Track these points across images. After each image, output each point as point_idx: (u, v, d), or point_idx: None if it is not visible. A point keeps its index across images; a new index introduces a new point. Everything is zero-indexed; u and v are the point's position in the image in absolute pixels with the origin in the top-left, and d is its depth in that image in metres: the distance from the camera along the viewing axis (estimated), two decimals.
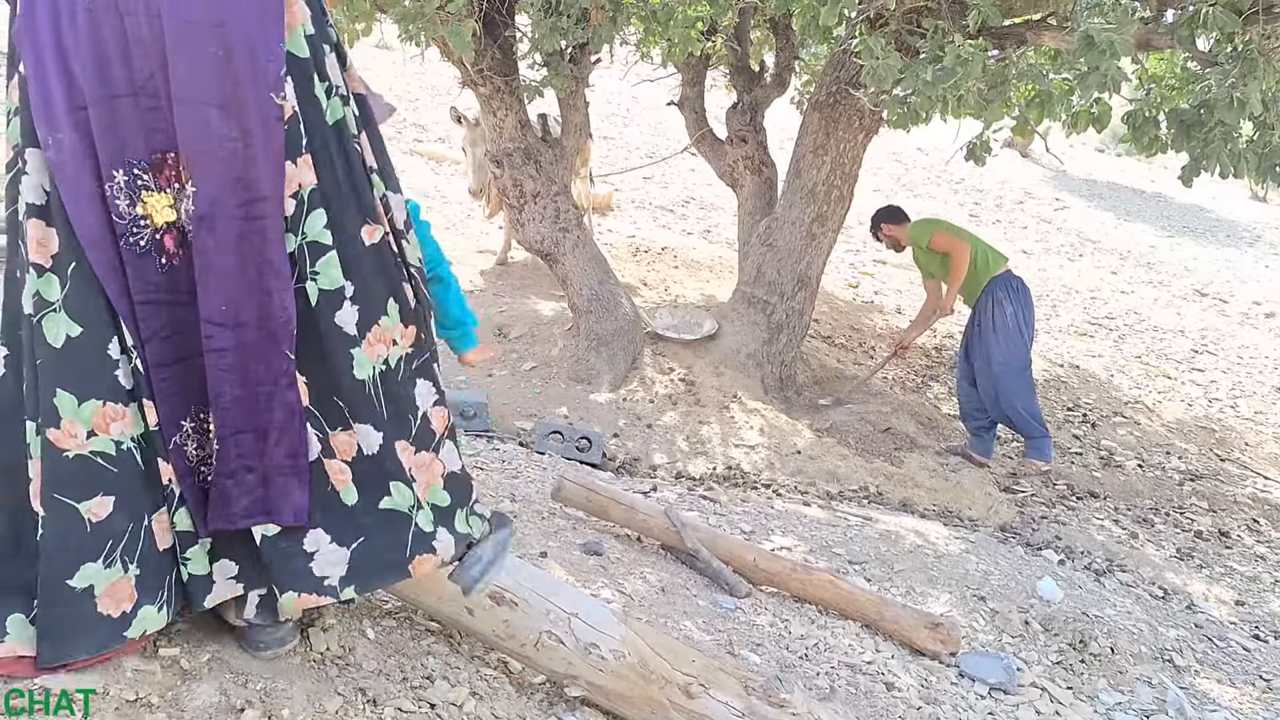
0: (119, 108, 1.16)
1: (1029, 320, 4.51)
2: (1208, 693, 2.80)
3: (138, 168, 1.19)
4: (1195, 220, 11.13)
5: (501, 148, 4.67)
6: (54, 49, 1.13)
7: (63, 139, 1.15)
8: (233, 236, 1.21)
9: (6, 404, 1.23)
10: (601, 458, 3.95)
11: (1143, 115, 3.96)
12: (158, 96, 1.17)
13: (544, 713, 1.69)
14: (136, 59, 1.15)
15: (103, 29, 1.12)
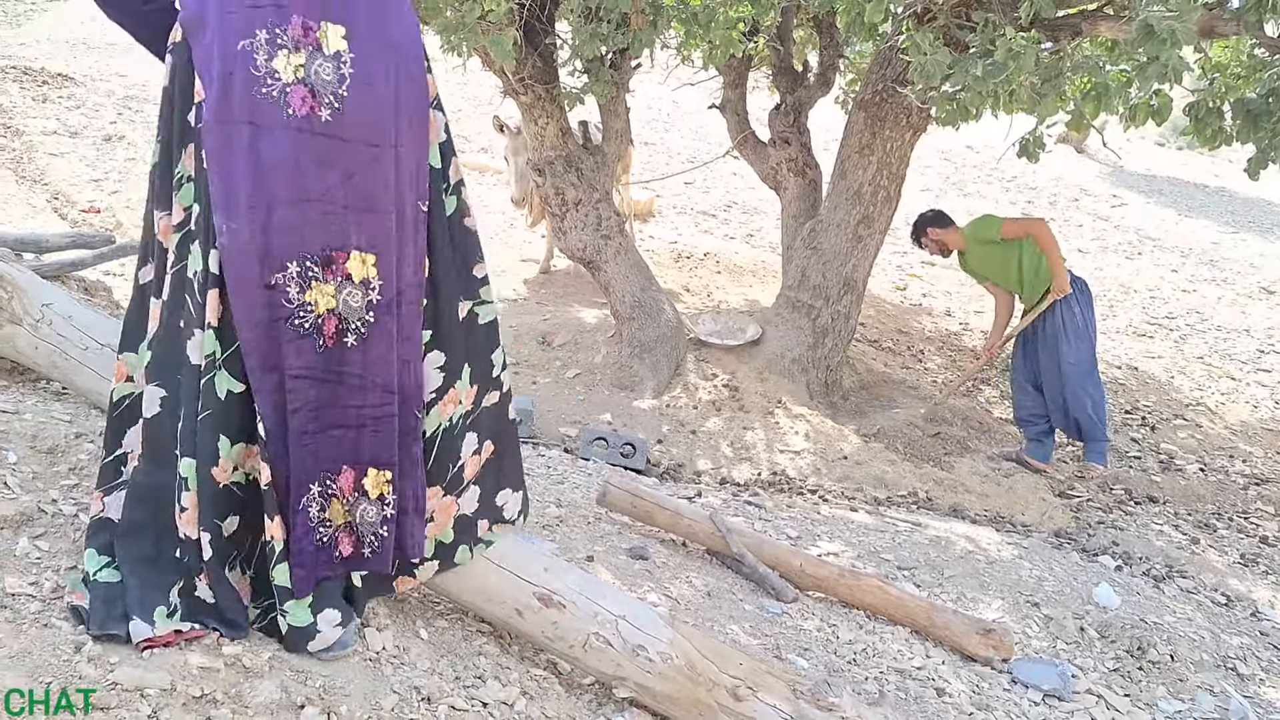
0: (305, 210, 1.36)
1: (1093, 320, 4.42)
2: (1274, 702, 2.71)
3: (311, 261, 1.38)
4: (1261, 215, 10.72)
5: (543, 156, 4.73)
6: (248, 153, 1.32)
7: (238, 230, 1.33)
8: (407, 318, 1.47)
9: (164, 442, 1.42)
10: (646, 464, 3.97)
11: (1206, 106, 3.84)
12: (336, 203, 1.38)
13: (593, 713, 1.71)
14: (325, 172, 1.36)
15: (301, 150, 1.34)
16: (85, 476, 1.62)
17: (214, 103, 1.32)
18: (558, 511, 2.96)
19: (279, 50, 1.32)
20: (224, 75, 1.30)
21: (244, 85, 1.31)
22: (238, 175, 1.33)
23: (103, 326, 1.95)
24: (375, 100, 1.39)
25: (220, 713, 1.22)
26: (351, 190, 1.39)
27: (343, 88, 1.35)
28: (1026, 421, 4.58)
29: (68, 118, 7.32)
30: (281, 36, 1.31)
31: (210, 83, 1.32)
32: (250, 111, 1.32)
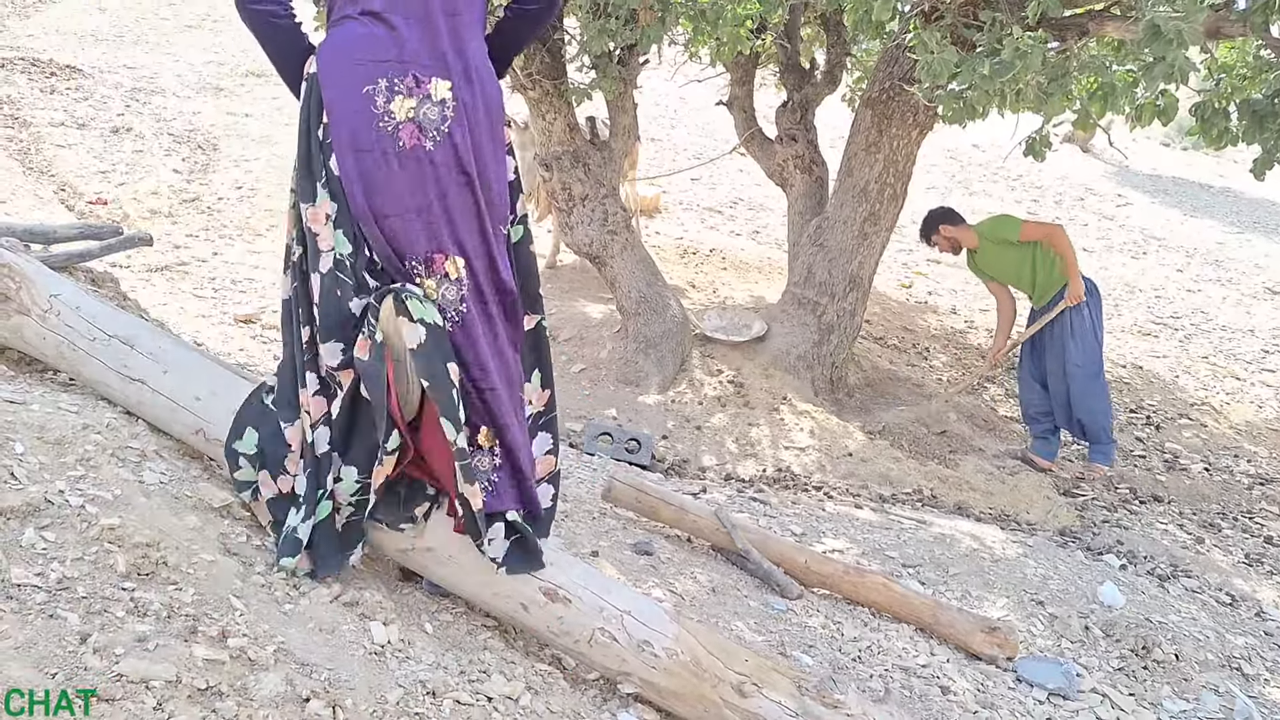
0: (411, 221, 1.71)
1: (1101, 321, 4.43)
2: (1279, 702, 2.70)
3: (416, 260, 1.72)
4: (1266, 216, 10.68)
5: (550, 151, 4.73)
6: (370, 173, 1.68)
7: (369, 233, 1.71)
8: (497, 313, 1.82)
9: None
10: (650, 459, 3.97)
11: (1212, 106, 3.83)
12: (436, 217, 1.72)
13: (598, 709, 1.71)
14: (426, 192, 1.71)
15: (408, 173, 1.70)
16: (92, 468, 1.62)
17: (344, 133, 1.66)
18: (563, 507, 2.95)
19: (395, 95, 1.67)
20: (352, 112, 1.66)
21: (366, 121, 1.66)
22: (361, 191, 1.68)
23: (110, 317, 1.95)
24: (467, 141, 1.72)
25: (225, 705, 1.22)
26: (446, 208, 1.73)
27: (444, 126, 1.70)
28: (1033, 419, 4.58)
29: (75, 109, 7.33)
30: (398, 85, 1.67)
31: (341, 117, 1.66)
32: (369, 141, 1.67)
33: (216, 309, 5.35)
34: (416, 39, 1.67)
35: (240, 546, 1.67)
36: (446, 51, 1.70)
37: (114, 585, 1.37)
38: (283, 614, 1.56)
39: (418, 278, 1.72)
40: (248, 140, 7.66)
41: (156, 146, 7.15)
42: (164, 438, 1.88)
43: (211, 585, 1.47)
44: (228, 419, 1.81)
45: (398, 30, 1.66)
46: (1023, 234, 4.37)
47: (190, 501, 1.70)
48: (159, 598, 1.37)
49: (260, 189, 7.04)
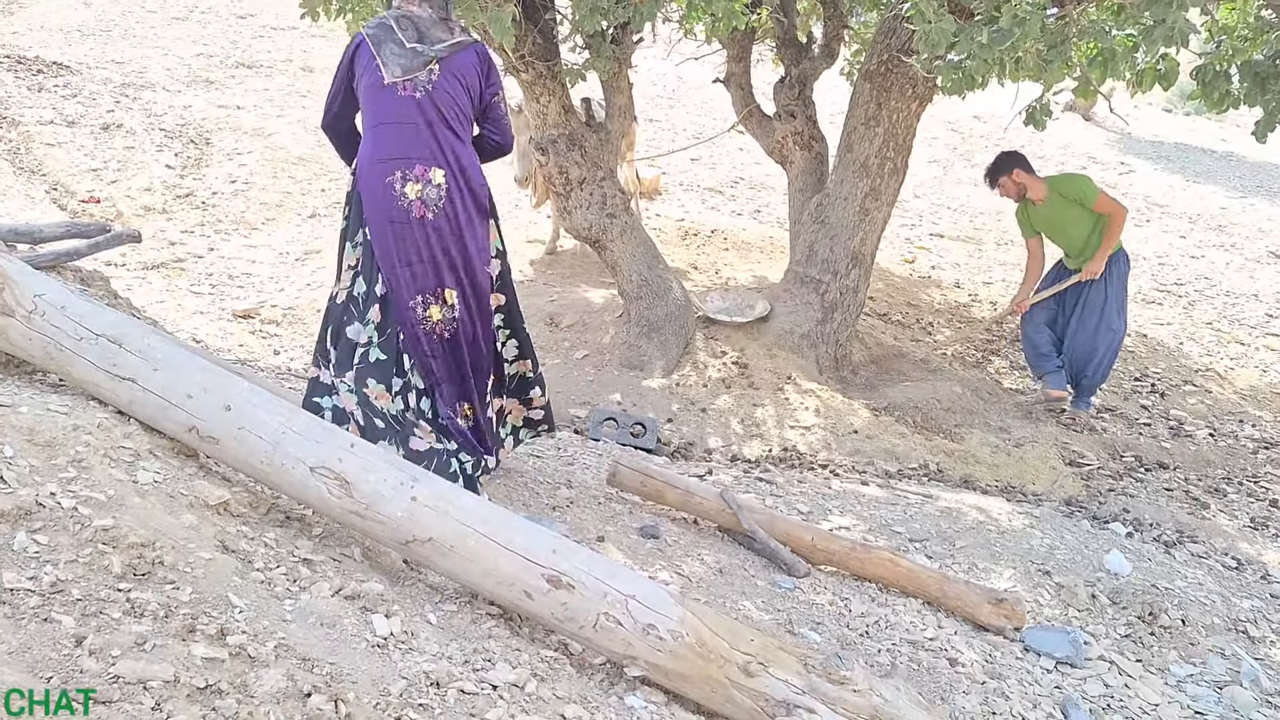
0: (423, 268, 2.53)
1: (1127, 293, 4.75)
2: None
3: (428, 294, 2.55)
4: (1270, 179, 10.57)
5: (546, 134, 4.67)
6: (393, 237, 2.50)
7: (393, 278, 2.52)
8: (482, 327, 2.69)
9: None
10: (656, 443, 3.95)
11: (1213, 69, 3.76)
12: (440, 264, 2.55)
13: (604, 693, 1.70)
14: (432, 247, 2.53)
15: (421, 236, 2.52)
16: (84, 469, 1.60)
17: (373, 209, 2.49)
18: (568, 493, 2.94)
19: (407, 182, 2.49)
20: (377, 191, 2.49)
21: (388, 199, 2.48)
22: (388, 246, 2.50)
23: (98, 317, 1.93)
24: (456, 211, 2.55)
25: (225, 703, 1.21)
26: (446, 258, 2.55)
27: (440, 203, 2.52)
28: (1043, 356, 4.77)
29: (64, 107, 7.27)
30: (408, 174, 2.49)
31: (371, 201, 2.49)
32: (391, 214, 2.49)
33: (214, 305, 5.33)
34: (419, 141, 2.48)
35: (238, 543, 1.66)
36: (440, 150, 2.50)
37: (109, 586, 1.35)
38: (283, 609, 1.55)
39: (430, 305, 2.54)
40: (240, 133, 7.60)
41: (148, 142, 7.10)
42: (157, 437, 1.86)
43: (209, 583, 1.46)
44: (220, 415, 1.79)
45: (405, 135, 2.48)
46: (1098, 203, 4.53)
47: (186, 500, 1.69)
48: (156, 597, 1.35)
49: (255, 182, 7.00)
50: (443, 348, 2.59)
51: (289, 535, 1.84)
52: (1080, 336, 4.64)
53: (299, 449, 1.83)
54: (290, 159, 7.36)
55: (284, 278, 5.84)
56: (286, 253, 6.17)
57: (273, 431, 1.84)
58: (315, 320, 5.32)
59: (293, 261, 6.06)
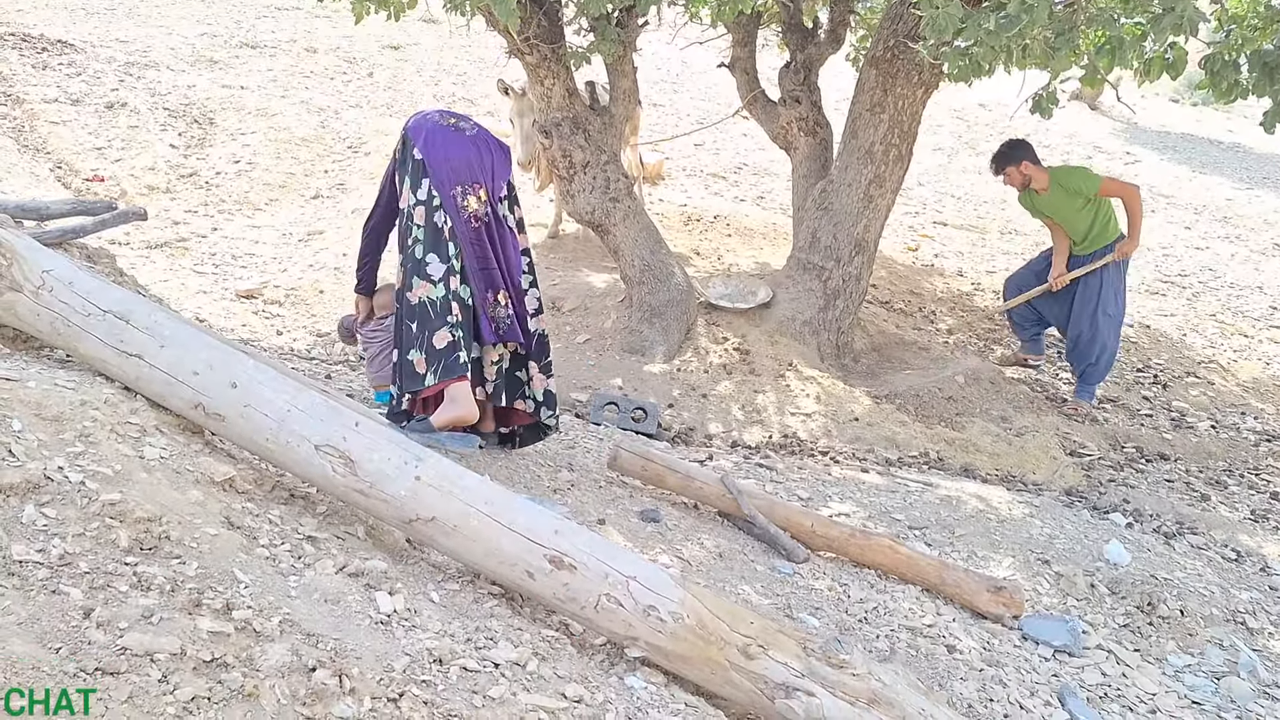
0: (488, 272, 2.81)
1: (1126, 278, 4.87)
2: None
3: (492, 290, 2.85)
4: (1276, 171, 10.52)
5: (550, 117, 4.66)
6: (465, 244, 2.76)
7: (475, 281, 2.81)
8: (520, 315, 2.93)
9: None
10: (657, 428, 3.96)
11: (1221, 59, 3.73)
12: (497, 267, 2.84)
13: (605, 673, 1.72)
14: (489, 252, 2.81)
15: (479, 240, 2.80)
16: (92, 444, 1.61)
17: (454, 220, 2.73)
18: (569, 476, 2.96)
19: (467, 195, 2.75)
20: (449, 204, 2.72)
21: (457, 211, 2.73)
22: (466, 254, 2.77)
23: (105, 293, 1.93)
24: (497, 221, 2.82)
25: (231, 676, 1.22)
26: (498, 260, 2.82)
27: (485, 211, 2.79)
28: (1022, 327, 5.02)
29: (69, 85, 7.25)
30: (469, 189, 2.75)
31: (451, 210, 2.73)
32: (459, 222, 2.75)
33: (217, 285, 5.33)
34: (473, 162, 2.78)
35: (243, 520, 1.67)
36: (483, 171, 2.78)
37: (116, 560, 1.36)
38: (288, 586, 1.56)
39: (495, 301, 2.82)
40: (244, 113, 7.58)
41: (152, 121, 7.08)
42: (164, 413, 1.87)
43: (215, 559, 1.47)
44: (226, 392, 1.80)
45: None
46: (1101, 189, 4.61)
47: (192, 476, 1.70)
48: (162, 572, 1.37)
49: (258, 162, 6.98)
50: (504, 331, 2.86)
51: (293, 513, 1.85)
52: (1082, 322, 4.73)
53: (304, 427, 1.84)
54: (294, 140, 7.34)
55: (287, 258, 5.84)
56: (289, 233, 6.17)
57: (278, 409, 1.85)
58: (318, 301, 5.35)
59: (295, 242, 6.06)
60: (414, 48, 9.87)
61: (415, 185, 2.73)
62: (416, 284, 2.68)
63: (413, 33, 10.03)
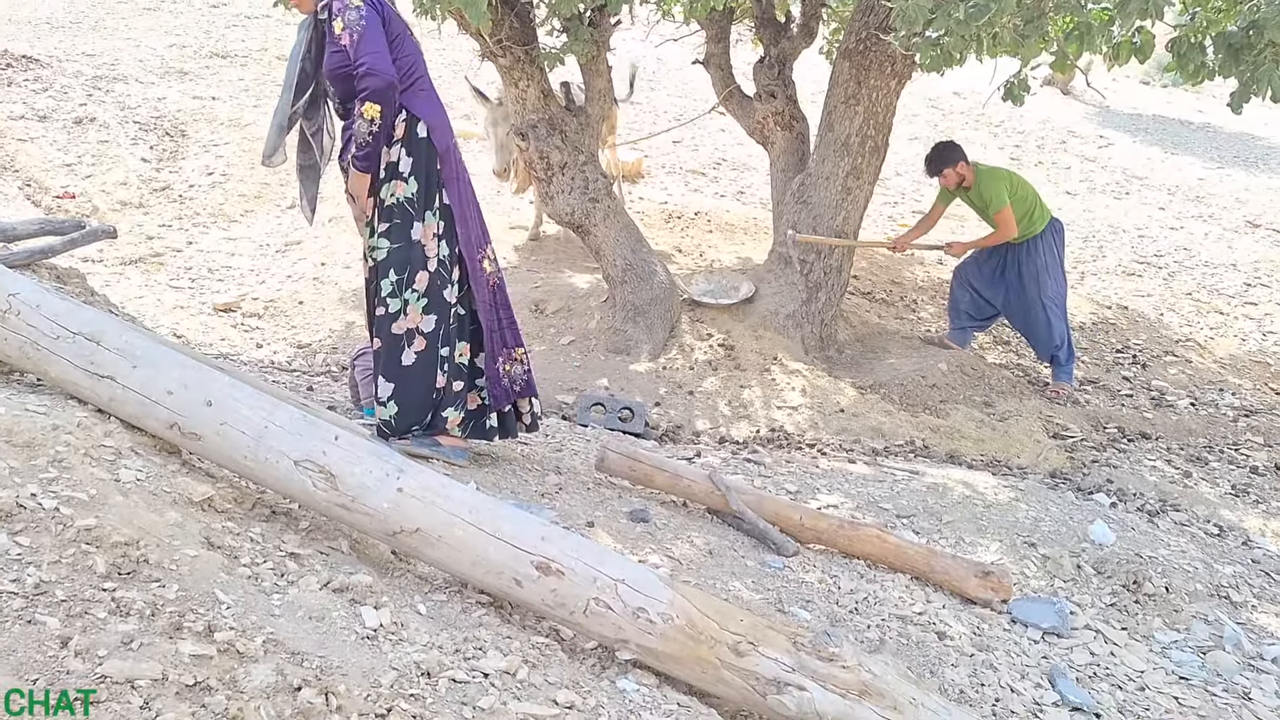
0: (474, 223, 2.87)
1: (1063, 258, 5.01)
2: (1265, 627, 2.75)
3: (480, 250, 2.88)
4: (1246, 149, 10.65)
5: (525, 119, 4.64)
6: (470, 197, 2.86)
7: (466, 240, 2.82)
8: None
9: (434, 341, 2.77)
10: (644, 427, 3.96)
11: (1188, 41, 3.77)
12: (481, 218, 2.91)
13: (596, 677, 1.71)
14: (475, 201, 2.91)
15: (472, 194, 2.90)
16: (65, 469, 1.59)
17: (454, 166, 2.71)
18: (557, 479, 2.95)
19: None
20: (454, 149, 2.70)
21: (459, 156, 2.72)
22: (466, 203, 2.75)
23: (75, 314, 1.90)
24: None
25: (215, 700, 1.20)
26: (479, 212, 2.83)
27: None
28: (957, 315, 5.11)
29: (35, 101, 7.15)
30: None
31: (451, 157, 2.69)
32: (463, 172, 2.75)
33: (194, 299, 5.28)
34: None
35: (224, 539, 1.65)
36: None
37: (94, 586, 1.34)
38: (271, 604, 1.55)
39: (484, 261, 2.79)
40: (216, 124, 7.50)
41: (122, 135, 6.99)
42: (139, 434, 1.85)
43: (195, 580, 1.45)
44: (202, 411, 1.78)
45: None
46: (999, 215, 4.77)
47: (169, 497, 1.68)
48: (141, 596, 1.35)
49: (232, 174, 6.91)
50: (493, 298, 2.84)
51: (275, 530, 1.84)
52: (1026, 311, 4.88)
53: (282, 443, 1.82)
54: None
55: (264, 270, 5.79)
56: (267, 244, 6.11)
57: (255, 426, 1.83)
58: (297, 312, 5.30)
59: (273, 253, 6.01)
60: None
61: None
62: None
63: None
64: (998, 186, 4.72)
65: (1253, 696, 2.37)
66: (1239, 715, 2.28)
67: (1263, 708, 2.32)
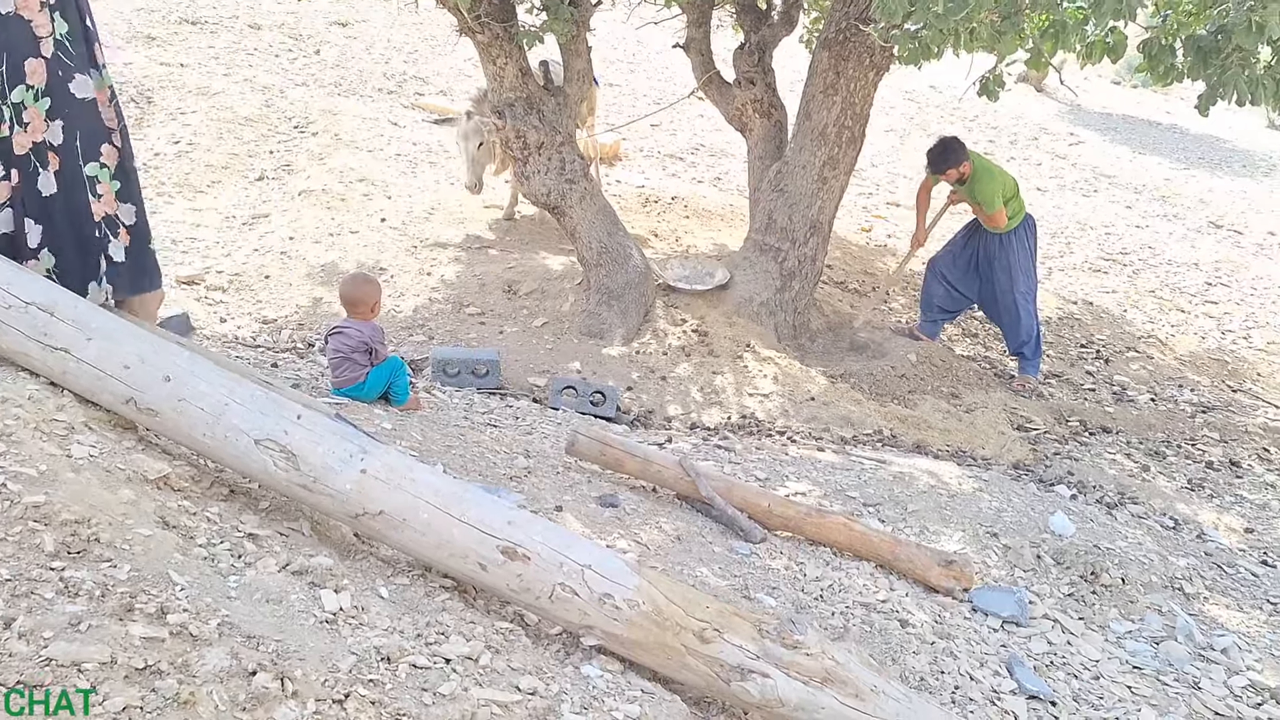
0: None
1: (1036, 253, 5.09)
2: (1216, 618, 2.82)
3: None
4: (1211, 151, 10.85)
5: (503, 98, 4.57)
6: None
7: None
8: None
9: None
10: (616, 411, 3.94)
11: (1159, 43, 3.82)
12: None
13: (560, 663, 1.70)
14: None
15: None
16: (15, 443, 1.53)
17: None
18: (526, 462, 2.92)
19: None
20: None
21: None
22: None
23: (28, 284, 1.84)
24: None
25: (166, 684, 1.17)
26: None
27: None
28: (929, 307, 5.17)
29: None
30: None
31: None
32: None
33: None
34: None
35: (179, 519, 1.61)
36: None
37: (41, 566, 1.30)
38: (227, 586, 1.51)
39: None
40: (184, 92, 7.31)
41: None
42: (93, 409, 1.79)
43: (149, 560, 1.41)
44: (159, 386, 1.73)
45: None
46: (991, 217, 4.84)
47: (124, 474, 1.63)
48: (91, 576, 1.31)
49: (200, 143, 6.74)
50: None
51: (234, 510, 1.79)
52: (997, 304, 4.98)
53: (243, 420, 1.78)
54: (237, 119, 7.11)
55: (230, 242, 5.66)
56: (233, 216, 5.98)
57: (214, 403, 1.78)
58: (263, 286, 5.20)
59: (239, 225, 5.88)
60: (363, 24, 9.60)
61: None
62: None
63: (361, 9, 9.76)
64: (992, 189, 4.78)
65: (1202, 686, 2.43)
66: (1189, 704, 2.34)
67: (1211, 696, 2.38)
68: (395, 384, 3.16)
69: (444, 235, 5.75)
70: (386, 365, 3.17)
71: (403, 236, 5.66)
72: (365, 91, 8.07)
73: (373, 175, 6.41)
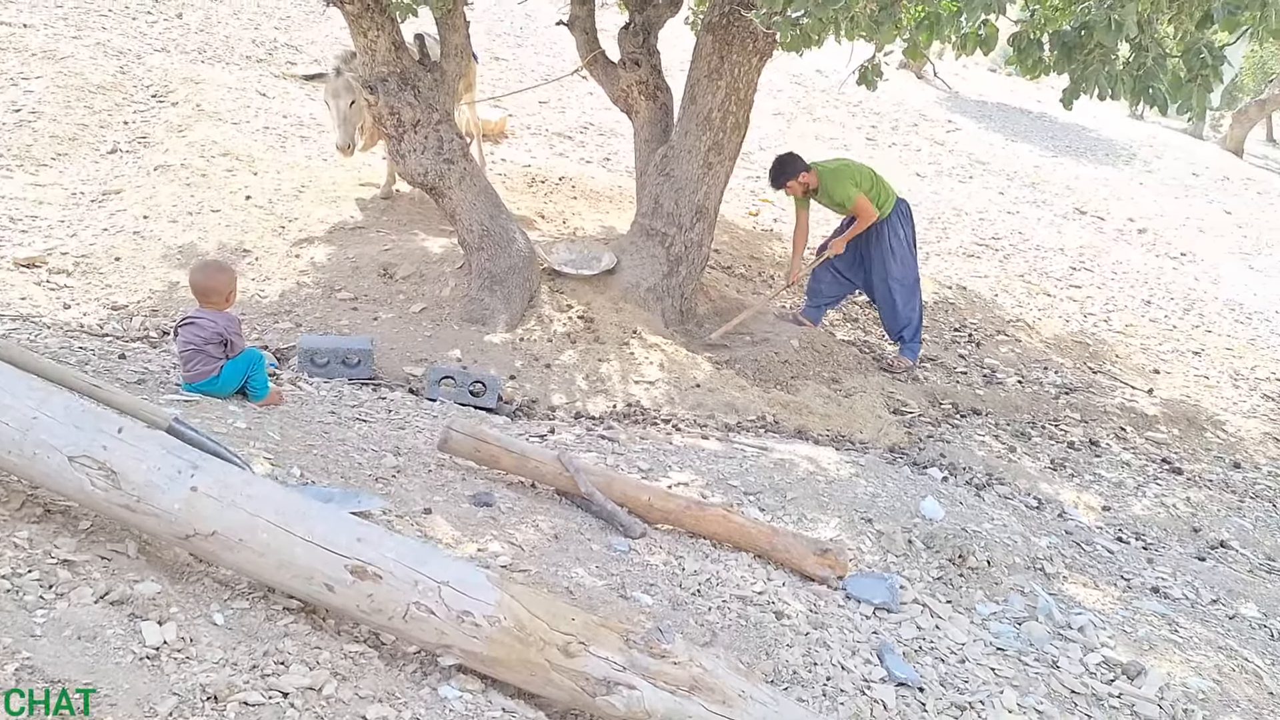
0: None
1: (914, 240, 5.17)
2: (1074, 596, 2.98)
3: None
4: (1077, 140, 11.52)
5: (375, 72, 4.33)
6: None
7: None
8: None
9: None
10: (497, 401, 3.83)
11: (1027, 37, 3.97)
12: None
13: (416, 685, 1.61)
14: None
15: None
16: None
17: None
18: (395, 461, 2.79)
19: None
20: None
21: None
22: None
23: None
24: None
25: None
26: None
27: None
28: (813, 293, 5.29)
29: None
30: None
31: None
32: None
33: None
34: None
35: None
36: None
37: None
38: (32, 623, 1.35)
39: None
40: (27, 55, 6.63)
41: None
42: None
43: None
44: None
45: None
46: (856, 207, 4.95)
47: None
48: None
49: (44, 111, 6.14)
50: None
51: (47, 533, 1.61)
52: (878, 292, 5.14)
53: (55, 436, 1.59)
54: (88, 86, 6.51)
55: (77, 221, 5.19)
56: (81, 193, 5.48)
57: (21, 417, 1.59)
58: (113, 269, 4.79)
59: (88, 203, 5.39)
60: None
61: None
62: None
63: None
64: (844, 184, 4.88)
65: (1060, 665, 2.55)
66: (1048, 684, 2.45)
67: (1068, 675, 2.51)
68: (253, 378, 2.96)
69: (315, 214, 5.44)
70: (243, 358, 2.96)
71: (269, 215, 5.32)
72: (232, 59, 7.54)
73: (237, 149, 5.99)
